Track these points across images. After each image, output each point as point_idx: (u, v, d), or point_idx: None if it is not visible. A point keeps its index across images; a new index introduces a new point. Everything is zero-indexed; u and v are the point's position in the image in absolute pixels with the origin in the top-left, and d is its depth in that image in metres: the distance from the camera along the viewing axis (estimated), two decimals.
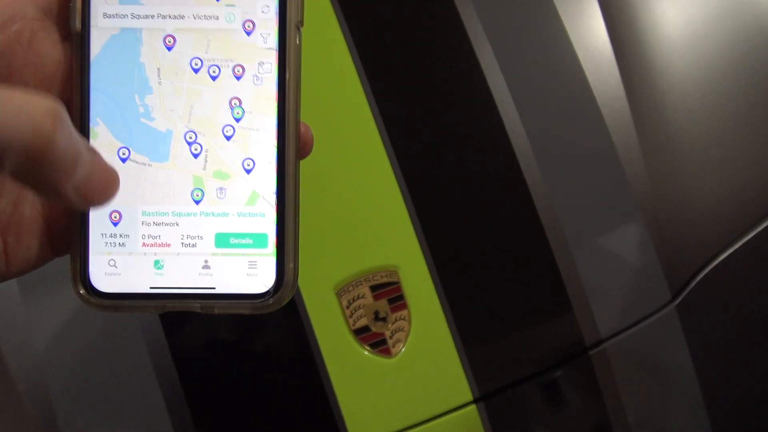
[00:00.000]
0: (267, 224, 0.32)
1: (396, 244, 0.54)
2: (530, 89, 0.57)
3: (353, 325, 0.53)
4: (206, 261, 0.32)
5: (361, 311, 0.53)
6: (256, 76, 0.32)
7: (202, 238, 0.32)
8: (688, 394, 0.58)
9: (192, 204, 0.32)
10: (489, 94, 0.56)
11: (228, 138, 0.32)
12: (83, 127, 0.32)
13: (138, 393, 0.53)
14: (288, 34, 0.32)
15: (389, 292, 0.53)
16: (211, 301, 0.32)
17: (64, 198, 0.26)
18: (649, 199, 0.58)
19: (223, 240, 0.32)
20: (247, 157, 0.32)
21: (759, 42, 0.64)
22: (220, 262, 0.32)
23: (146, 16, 0.32)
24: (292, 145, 0.32)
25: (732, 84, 0.63)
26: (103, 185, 0.27)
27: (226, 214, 0.32)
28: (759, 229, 0.60)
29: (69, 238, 0.32)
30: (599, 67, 0.58)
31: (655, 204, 0.58)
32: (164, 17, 0.32)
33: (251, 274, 0.32)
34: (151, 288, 0.32)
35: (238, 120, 0.32)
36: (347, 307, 0.53)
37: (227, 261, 0.32)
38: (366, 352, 0.53)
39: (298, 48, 0.32)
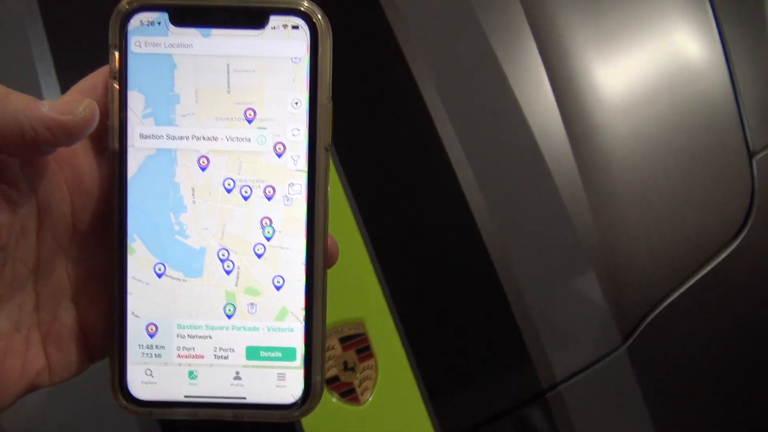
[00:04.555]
0: (295, 339, 0.33)
1: (362, 298, 0.57)
2: (484, 152, 0.61)
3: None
4: (238, 372, 0.33)
5: (331, 362, 0.57)
6: (287, 197, 0.33)
7: (233, 350, 0.33)
8: None
9: (224, 318, 0.33)
10: (446, 157, 0.60)
11: (259, 256, 0.33)
12: (121, 243, 0.33)
13: None
14: (318, 157, 0.33)
15: (357, 343, 0.57)
16: (242, 410, 0.33)
17: (49, 120, 0.28)
18: (597, 248, 0.62)
19: (253, 353, 0.33)
20: (277, 274, 0.33)
21: (695, 101, 0.69)
22: (251, 373, 0.33)
23: (181, 138, 0.33)
24: (320, 263, 0.33)
25: (671, 140, 0.68)
26: (75, 100, 0.29)
27: (256, 329, 0.33)
28: (702, 273, 0.65)
29: (104, 345, 0.33)
30: (547, 128, 0.63)
31: (602, 252, 0.62)
32: (198, 138, 0.33)
33: (280, 385, 0.33)
34: (185, 396, 0.33)
35: (268, 239, 0.33)
36: None
37: (258, 373, 0.33)
38: (335, 400, 0.56)
39: (327, 169, 0.33)
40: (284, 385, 0.33)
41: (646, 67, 0.69)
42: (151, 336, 0.33)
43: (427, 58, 0.63)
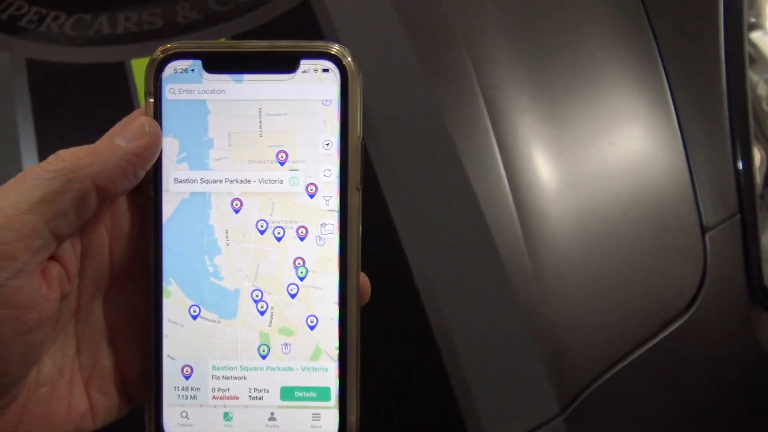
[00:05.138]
0: (330, 378, 0.33)
1: None
2: (428, 214, 0.64)
3: None
4: (272, 413, 0.33)
5: None
6: (319, 237, 0.33)
7: (268, 391, 0.33)
8: None
9: (259, 359, 0.33)
10: (392, 223, 0.63)
11: (292, 296, 0.33)
12: (157, 287, 0.33)
13: None
14: (349, 197, 0.33)
15: None
16: None
17: (129, 151, 0.31)
18: (539, 315, 0.63)
19: (288, 393, 0.33)
20: (311, 314, 0.33)
21: (650, 176, 0.71)
22: (286, 413, 0.33)
23: (214, 181, 0.34)
24: (353, 302, 0.33)
25: (623, 213, 0.69)
26: (133, 125, 0.32)
27: (291, 369, 0.33)
28: (647, 347, 0.65)
29: (142, 388, 0.34)
30: (493, 195, 0.65)
31: (545, 320, 0.63)
32: (231, 182, 0.33)
33: (315, 425, 0.33)
34: None
35: (302, 279, 0.33)
36: None
37: (292, 413, 0.33)
38: None
39: (359, 209, 0.34)
40: (319, 425, 0.33)
41: (600, 143, 0.71)
42: (187, 378, 0.34)
43: (381, 132, 0.66)
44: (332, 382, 0.33)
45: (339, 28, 0.70)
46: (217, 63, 0.33)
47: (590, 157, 0.70)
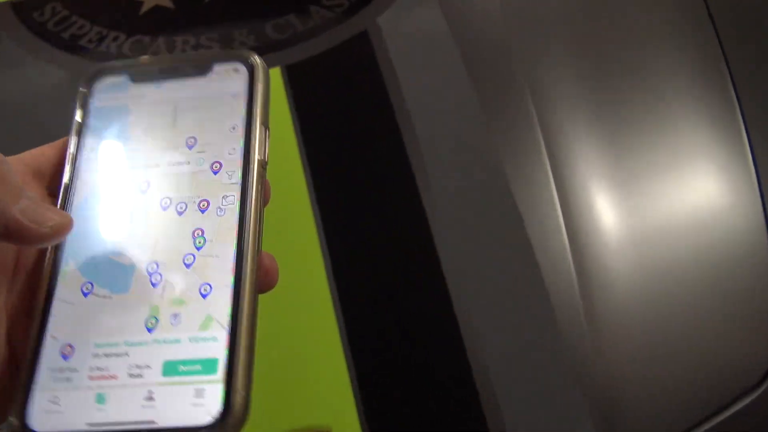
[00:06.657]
0: (218, 349, 0.30)
1: (330, 404, 0.56)
2: (481, 265, 0.60)
3: None
4: (150, 392, 0.30)
5: None
6: (220, 208, 0.33)
7: (150, 367, 0.31)
8: None
9: (145, 333, 0.31)
10: (439, 268, 0.59)
11: (188, 266, 0.32)
12: (54, 268, 0.33)
13: None
14: (250, 169, 0.34)
15: None
16: None
17: (13, 222, 0.29)
18: (592, 377, 0.58)
19: (171, 368, 0.31)
20: (205, 282, 0.32)
21: (725, 235, 0.65)
22: (166, 392, 0.30)
23: (127, 168, 0.35)
24: (249, 270, 0.32)
25: (694, 272, 0.64)
26: (50, 214, 0.30)
27: (177, 341, 0.31)
28: (707, 426, 0.59)
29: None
30: (550, 246, 0.61)
31: (597, 383, 0.58)
32: (142, 167, 0.35)
33: (197, 403, 0.30)
34: (87, 424, 0.30)
35: (199, 249, 0.33)
36: None
37: (173, 391, 0.30)
38: None
39: (261, 182, 0.34)
40: (202, 402, 0.29)
41: (670, 195, 0.66)
42: (66, 358, 0.31)
43: (436, 169, 0.63)
44: (220, 352, 0.30)
45: (395, 60, 0.67)
46: (140, 76, 0.37)
47: (658, 209, 0.65)
